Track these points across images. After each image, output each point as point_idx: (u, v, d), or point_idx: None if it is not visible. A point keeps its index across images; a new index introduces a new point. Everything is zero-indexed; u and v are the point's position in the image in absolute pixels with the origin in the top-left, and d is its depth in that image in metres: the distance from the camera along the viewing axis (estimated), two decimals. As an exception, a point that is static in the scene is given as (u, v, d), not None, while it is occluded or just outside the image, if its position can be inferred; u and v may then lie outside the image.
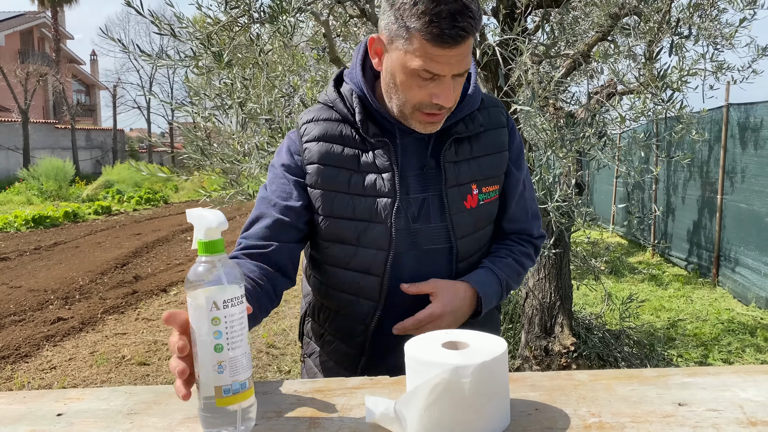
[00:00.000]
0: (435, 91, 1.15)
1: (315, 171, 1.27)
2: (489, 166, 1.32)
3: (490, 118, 1.34)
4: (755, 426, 0.79)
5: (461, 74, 1.15)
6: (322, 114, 1.31)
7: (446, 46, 1.08)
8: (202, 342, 0.84)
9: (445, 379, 0.79)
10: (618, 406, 0.87)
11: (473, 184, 1.30)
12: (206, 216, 0.85)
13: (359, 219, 1.26)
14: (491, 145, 1.33)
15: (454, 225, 1.28)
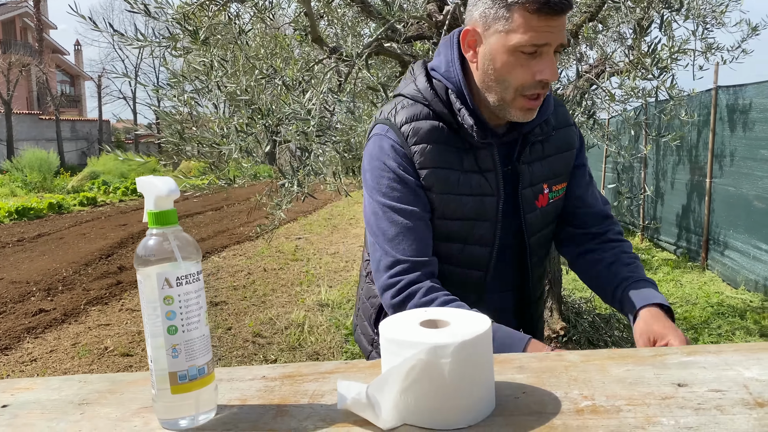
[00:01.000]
0: (539, 68, 1.15)
1: (428, 174, 1.25)
2: (559, 165, 1.36)
3: (558, 118, 1.37)
4: (763, 407, 0.72)
5: (563, 47, 1.17)
6: (420, 113, 1.26)
7: (550, 14, 1.11)
8: (153, 324, 0.76)
9: (422, 360, 0.71)
10: (613, 387, 0.80)
11: (545, 184, 1.34)
12: (156, 184, 0.76)
13: (468, 218, 1.29)
14: (561, 145, 1.37)
15: (527, 224, 1.34)
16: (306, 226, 10.59)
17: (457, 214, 1.28)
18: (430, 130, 1.25)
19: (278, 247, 8.46)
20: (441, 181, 1.25)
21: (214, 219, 11.61)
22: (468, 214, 1.28)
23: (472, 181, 1.27)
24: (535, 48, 1.13)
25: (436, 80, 1.27)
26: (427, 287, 1.22)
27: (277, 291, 6.12)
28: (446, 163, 1.25)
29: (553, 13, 1.10)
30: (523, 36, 1.12)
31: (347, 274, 6.79)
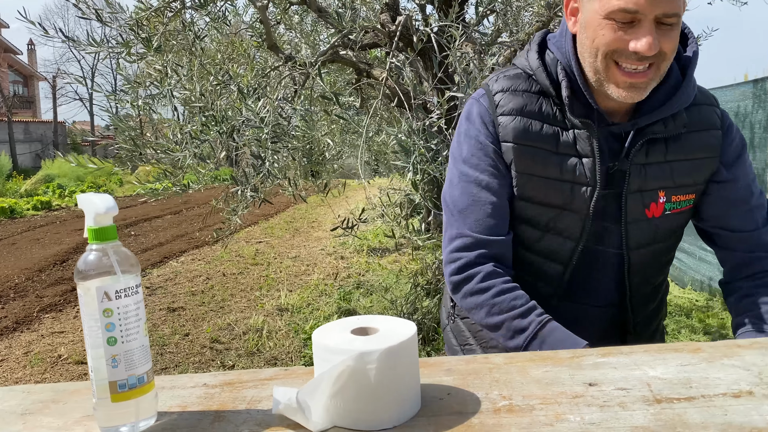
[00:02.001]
0: (634, 35, 1.01)
1: (510, 150, 1.15)
2: (685, 172, 1.17)
3: (699, 117, 1.19)
4: (659, 403, 0.79)
5: (669, 18, 1.01)
6: (519, 84, 1.17)
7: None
8: (94, 335, 0.79)
9: (350, 366, 0.76)
10: (530, 388, 0.86)
11: (661, 191, 1.17)
12: (95, 201, 0.79)
13: (552, 205, 1.17)
14: (693, 149, 1.18)
15: (628, 233, 1.18)
16: (267, 230, 10.55)
17: (538, 198, 1.17)
18: (525, 102, 1.16)
19: (238, 252, 8.41)
20: (524, 158, 1.15)
21: (173, 223, 11.46)
22: (554, 200, 1.16)
23: (566, 164, 1.15)
24: (630, 16, 1.00)
25: (549, 51, 1.18)
26: (486, 272, 1.15)
27: (236, 296, 6.09)
28: (535, 141, 1.14)
29: None
30: (605, 4, 1.01)
31: (308, 278, 6.80)
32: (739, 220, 1.19)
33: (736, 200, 1.19)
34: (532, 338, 1.09)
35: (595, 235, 1.19)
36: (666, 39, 1.02)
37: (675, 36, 1.04)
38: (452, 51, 2.29)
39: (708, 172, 1.19)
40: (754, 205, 1.20)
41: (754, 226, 1.19)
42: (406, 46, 2.94)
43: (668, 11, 1.00)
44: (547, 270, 1.22)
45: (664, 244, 1.24)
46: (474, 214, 1.17)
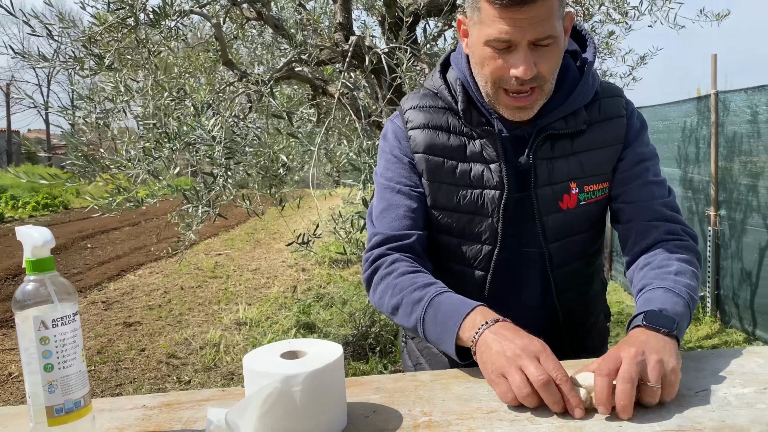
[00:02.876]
0: (512, 62, 1.06)
1: (422, 160, 1.22)
2: (595, 162, 1.21)
3: (603, 109, 1.22)
4: (565, 418, 0.86)
5: (542, 41, 1.06)
6: (426, 101, 1.25)
7: (511, 6, 1.02)
8: (31, 362, 0.82)
9: (277, 388, 0.81)
10: (450, 404, 0.92)
11: (572, 183, 1.20)
12: (33, 234, 0.83)
13: (464, 211, 1.22)
14: (601, 139, 1.21)
15: (545, 228, 1.21)
16: (227, 242, 10.47)
17: (451, 205, 1.22)
18: (432, 116, 1.23)
19: (197, 264, 8.34)
20: (433, 168, 1.21)
21: (131, 235, 11.29)
22: (465, 206, 1.21)
23: (474, 171, 1.20)
24: (504, 43, 1.06)
25: (452, 69, 1.25)
26: (392, 259, 1.18)
27: (193, 310, 6.05)
28: (443, 151, 1.21)
29: (514, 5, 1.02)
30: (490, 29, 1.06)
31: (267, 290, 6.79)
32: (637, 192, 1.22)
33: (635, 175, 1.22)
34: (427, 307, 1.07)
35: (515, 236, 1.22)
36: (543, 60, 1.07)
37: (553, 55, 1.09)
38: (401, 72, 2.36)
39: (615, 157, 1.23)
40: (652, 180, 1.23)
41: (651, 197, 1.21)
42: (360, 64, 3.01)
43: (539, 36, 1.05)
44: (471, 277, 1.26)
45: (584, 235, 1.26)
46: (388, 217, 1.23)
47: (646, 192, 1.22)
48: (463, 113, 1.20)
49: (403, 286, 1.13)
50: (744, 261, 4.71)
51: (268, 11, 3.54)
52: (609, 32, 3.47)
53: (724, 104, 4.86)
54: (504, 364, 0.90)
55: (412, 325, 1.10)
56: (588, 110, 1.21)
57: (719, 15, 3.74)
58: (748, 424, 0.81)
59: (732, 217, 4.84)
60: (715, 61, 4.94)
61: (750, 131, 4.56)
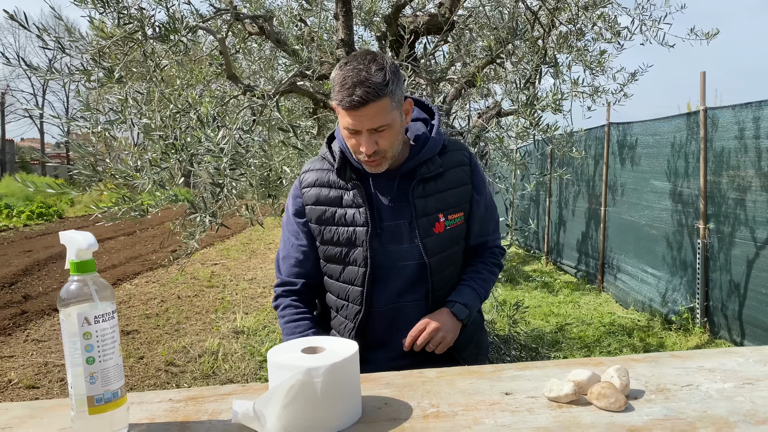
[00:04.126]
0: (360, 142, 1.48)
1: (311, 210, 1.64)
2: (453, 198, 1.64)
3: (453, 159, 1.66)
4: (560, 408, 0.94)
5: (378, 129, 1.46)
6: (316, 164, 1.68)
7: (350, 109, 1.42)
8: (74, 354, 0.90)
9: (300, 380, 0.89)
10: (455, 397, 1.00)
11: (440, 214, 1.62)
12: (77, 238, 0.91)
13: (343, 244, 1.61)
14: (454, 181, 1.64)
15: (425, 246, 1.59)
16: (223, 252, 10.52)
17: (334, 240, 1.62)
18: (318, 175, 1.65)
19: (193, 274, 8.38)
20: (319, 214, 1.63)
21: (127, 244, 11.32)
22: (342, 240, 1.61)
23: (348, 214, 1.60)
24: (353, 130, 1.46)
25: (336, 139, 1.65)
26: (284, 305, 1.67)
27: (191, 319, 6.09)
28: (326, 201, 1.62)
29: (352, 108, 1.41)
30: (342, 120, 1.47)
31: (264, 300, 6.84)
32: (477, 224, 1.71)
33: (481, 215, 1.71)
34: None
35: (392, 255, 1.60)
36: (382, 139, 1.48)
37: (390, 135, 1.49)
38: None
39: (468, 195, 1.67)
40: (488, 218, 1.75)
41: (487, 231, 1.75)
42: (360, 79, 3.10)
43: (375, 126, 1.45)
44: (352, 292, 1.63)
45: (453, 250, 1.68)
46: (285, 265, 1.70)
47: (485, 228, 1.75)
48: (338, 171, 1.60)
49: (285, 332, 1.63)
50: (732, 273, 4.81)
51: (270, 27, 3.64)
52: (601, 51, 3.58)
53: (713, 120, 4.99)
54: None
55: None
56: (442, 158, 1.64)
57: (708, 34, 3.87)
58: (727, 414, 0.90)
59: (720, 230, 4.95)
60: (704, 79, 5.07)
61: (738, 147, 4.69)
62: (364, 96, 1.41)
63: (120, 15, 2.96)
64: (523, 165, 2.97)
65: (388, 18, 3.03)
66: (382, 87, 1.43)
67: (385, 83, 1.44)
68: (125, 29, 3.03)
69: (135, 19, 2.93)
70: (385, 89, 1.43)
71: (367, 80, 1.41)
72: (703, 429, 0.85)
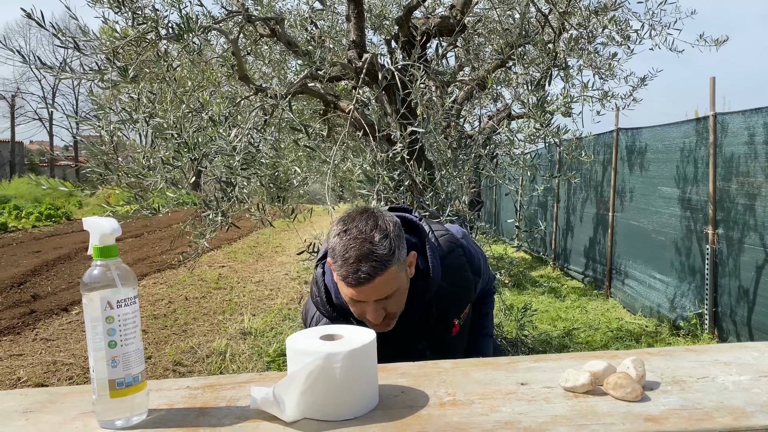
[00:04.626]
0: (365, 310, 1.38)
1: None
2: (461, 305, 1.63)
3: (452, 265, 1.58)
4: (577, 398, 0.95)
5: (384, 299, 1.37)
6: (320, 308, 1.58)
7: (354, 286, 1.32)
8: (96, 338, 0.91)
9: (319, 365, 0.90)
10: (472, 387, 1.01)
11: (455, 320, 1.62)
12: (101, 223, 0.92)
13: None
14: (461, 286, 1.61)
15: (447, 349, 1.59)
16: (230, 254, 10.55)
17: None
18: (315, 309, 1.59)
19: (201, 276, 8.41)
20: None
21: (134, 246, 11.36)
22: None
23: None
24: (356, 300, 1.37)
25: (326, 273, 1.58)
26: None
27: (198, 320, 6.11)
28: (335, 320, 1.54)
29: (357, 285, 1.32)
30: (345, 290, 1.37)
31: (271, 302, 6.86)
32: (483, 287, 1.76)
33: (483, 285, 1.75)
34: None
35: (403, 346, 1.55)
36: (391, 303, 1.39)
37: (399, 298, 1.41)
38: (414, 89, 2.47)
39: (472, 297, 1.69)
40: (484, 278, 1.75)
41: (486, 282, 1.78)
42: (372, 81, 3.12)
43: (382, 296, 1.36)
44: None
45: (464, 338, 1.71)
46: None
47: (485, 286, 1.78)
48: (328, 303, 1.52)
49: None
50: (741, 279, 4.79)
51: (281, 29, 3.67)
52: (612, 54, 3.59)
53: (722, 125, 4.98)
54: None
55: None
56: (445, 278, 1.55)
57: (717, 41, 3.87)
58: (744, 404, 0.90)
59: (729, 235, 4.94)
60: (714, 84, 5.06)
61: (747, 152, 4.68)
62: (370, 272, 1.31)
63: (135, 15, 2.99)
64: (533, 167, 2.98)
65: (399, 20, 3.05)
66: (388, 258, 1.33)
67: (391, 253, 1.34)
68: (139, 29, 3.06)
69: (149, 19, 2.96)
70: (391, 260, 1.34)
71: (372, 253, 1.31)
72: (720, 418, 0.86)
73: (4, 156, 28.98)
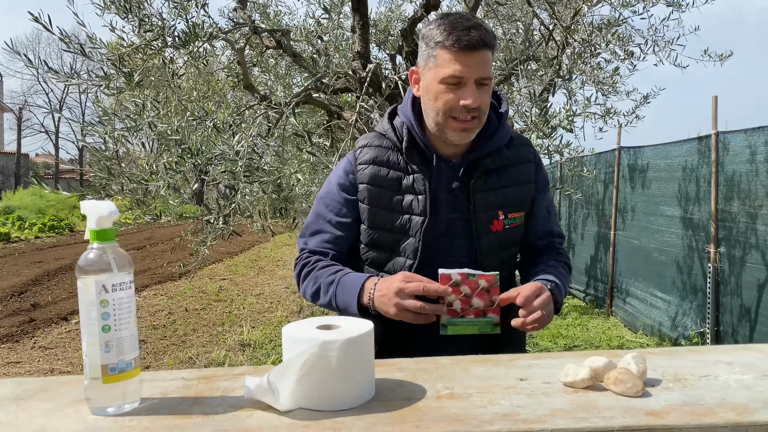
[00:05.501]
0: (462, 95, 1.36)
1: (364, 189, 1.49)
2: (515, 196, 1.52)
3: (518, 154, 1.54)
4: (577, 393, 0.93)
5: (483, 80, 1.37)
6: (375, 141, 1.53)
7: (465, 49, 1.33)
8: (90, 323, 0.90)
9: (315, 353, 0.89)
10: (470, 381, 1.00)
11: (500, 211, 1.49)
12: (99, 206, 0.92)
13: (395, 232, 1.48)
14: (518, 178, 1.52)
15: (481, 245, 1.47)
16: (231, 267, 10.53)
17: (386, 226, 1.49)
18: (377, 153, 1.50)
19: (201, 288, 8.38)
20: (373, 196, 1.49)
21: (136, 258, 11.35)
22: (395, 227, 1.48)
23: (405, 200, 1.47)
24: (457, 79, 1.35)
25: (399, 116, 1.54)
26: (315, 258, 1.51)
27: (198, 331, 6.08)
28: (383, 182, 1.48)
29: (466, 49, 1.33)
30: (445, 70, 1.36)
31: (271, 315, 6.83)
32: (541, 224, 1.59)
33: (541, 213, 1.59)
34: (337, 286, 1.41)
35: (442, 251, 1.47)
36: (483, 96, 1.38)
37: (488, 94, 1.41)
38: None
39: (530, 194, 1.56)
40: (552, 220, 1.63)
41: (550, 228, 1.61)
42: (375, 91, 3.13)
43: (483, 75, 1.36)
44: None
45: (508, 252, 1.55)
46: (316, 239, 1.54)
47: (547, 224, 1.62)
48: (406, 150, 1.48)
49: (320, 275, 1.46)
50: (743, 298, 4.76)
51: (287, 41, 3.69)
52: (614, 69, 3.60)
53: (724, 144, 4.98)
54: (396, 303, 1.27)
55: (327, 301, 1.44)
56: (508, 151, 1.52)
57: (722, 56, 3.89)
58: (747, 401, 0.88)
59: (732, 254, 4.91)
60: (716, 103, 5.07)
61: (749, 171, 4.67)
62: (481, 37, 1.33)
63: (141, 22, 3.02)
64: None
65: (404, 31, 3.07)
66: (493, 37, 1.36)
67: (494, 36, 1.36)
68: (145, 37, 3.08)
69: (156, 26, 2.98)
70: (494, 40, 1.36)
71: (480, 25, 1.35)
72: (723, 414, 0.84)
73: (10, 168, 29.11)
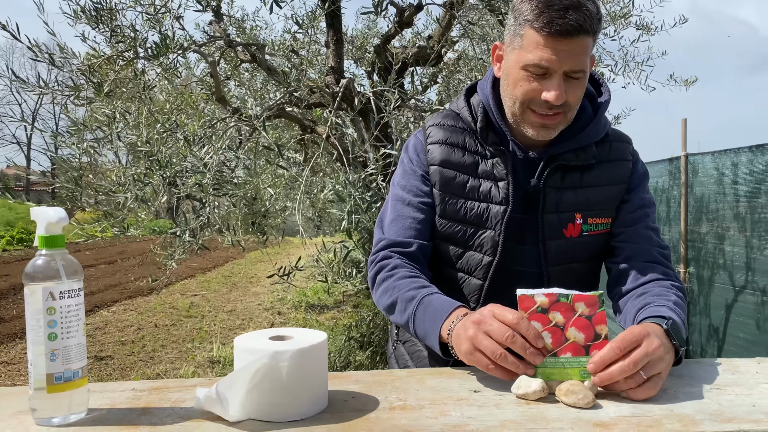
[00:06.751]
0: (545, 87, 1.15)
1: (436, 172, 1.31)
2: (601, 198, 1.30)
3: (611, 151, 1.32)
4: (529, 404, 0.93)
5: (575, 73, 1.15)
6: (447, 120, 1.35)
7: (556, 35, 1.10)
8: (36, 331, 0.88)
9: (265, 364, 0.88)
10: (424, 393, 0.99)
11: (577, 213, 1.28)
12: (47, 212, 0.90)
13: (470, 223, 1.29)
14: (607, 177, 1.30)
15: (546, 251, 1.27)
16: (204, 283, 10.40)
17: (459, 217, 1.30)
18: (450, 134, 1.32)
19: (172, 304, 8.26)
20: (445, 180, 1.30)
21: (107, 273, 11.16)
22: (470, 218, 1.29)
23: (483, 187, 1.28)
24: (542, 69, 1.14)
25: (477, 94, 1.35)
26: (394, 264, 1.27)
27: (167, 347, 5.98)
28: (457, 166, 1.30)
29: (558, 35, 1.10)
30: (530, 55, 1.14)
31: (242, 331, 6.74)
32: (639, 235, 1.30)
33: (638, 218, 1.32)
34: (418, 306, 1.17)
35: (513, 254, 1.28)
36: (572, 90, 1.16)
37: (581, 88, 1.18)
38: (388, 112, 2.50)
39: (619, 197, 1.32)
40: (651, 226, 1.32)
41: (650, 242, 1.30)
42: (348, 105, 3.15)
43: (574, 68, 1.14)
44: (468, 285, 1.32)
45: (583, 264, 1.32)
46: (395, 226, 1.33)
47: (646, 236, 1.31)
48: (481, 132, 1.30)
49: (400, 287, 1.22)
50: (712, 317, 4.83)
51: (261, 54, 3.70)
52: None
53: (694, 166, 5.09)
54: (471, 336, 0.98)
55: (404, 321, 1.20)
56: (598, 148, 1.31)
57: (687, 81, 3.99)
58: (693, 413, 0.89)
59: (700, 274, 4.99)
60: (685, 125, 5.19)
61: (717, 192, 4.77)
62: (580, 21, 1.10)
63: (113, 33, 3.00)
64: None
65: (377, 48, 3.10)
66: (596, 20, 1.13)
67: (599, 17, 1.14)
68: (117, 48, 3.07)
69: (128, 37, 2.96)
70: (597, 25, 1.14)
71: (581, 6, 1.11)
72: (669, 425, 0.85)
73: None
